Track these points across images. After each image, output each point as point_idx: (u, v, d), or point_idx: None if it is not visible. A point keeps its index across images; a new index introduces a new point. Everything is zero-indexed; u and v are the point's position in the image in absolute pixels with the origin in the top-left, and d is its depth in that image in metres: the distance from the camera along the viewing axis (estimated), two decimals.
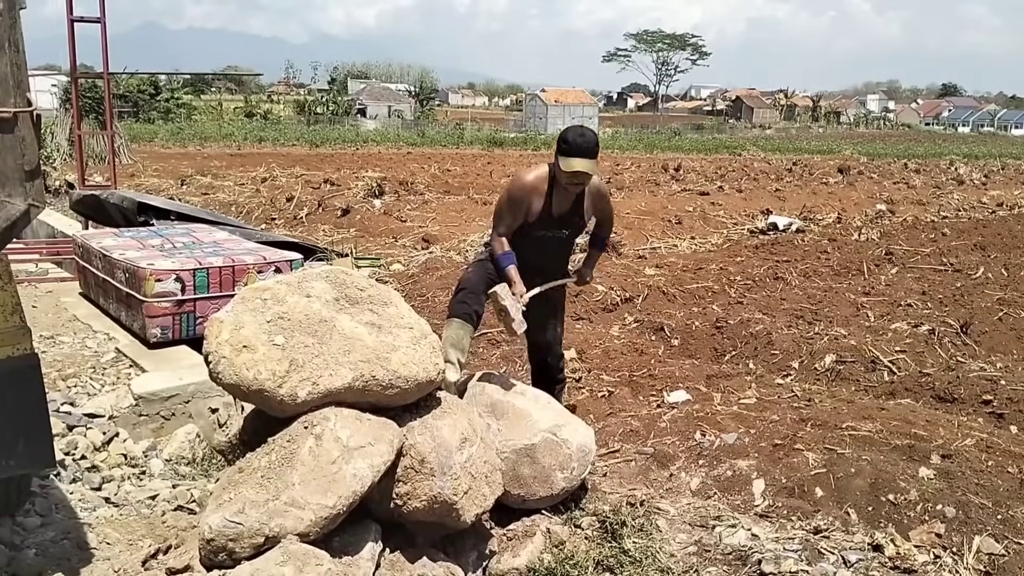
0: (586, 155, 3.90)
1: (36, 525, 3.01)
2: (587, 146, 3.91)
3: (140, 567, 2.64)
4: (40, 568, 2.61)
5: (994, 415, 5.20)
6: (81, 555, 2.79)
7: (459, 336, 4.13)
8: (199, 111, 56.18)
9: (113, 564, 2.67)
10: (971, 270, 9.39)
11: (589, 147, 3.91)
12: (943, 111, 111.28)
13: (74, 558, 2.75)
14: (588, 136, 3.97)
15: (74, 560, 2.74)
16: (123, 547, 2.86)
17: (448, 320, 4.21)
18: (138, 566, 2.65)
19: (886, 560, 3.36)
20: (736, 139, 54.03)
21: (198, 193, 15.54)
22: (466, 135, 45.70)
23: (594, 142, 3.96)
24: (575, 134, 3.98)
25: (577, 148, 3.91)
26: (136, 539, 2.92)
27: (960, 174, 26.05)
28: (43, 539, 2.88)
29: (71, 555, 2.78)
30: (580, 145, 3.91)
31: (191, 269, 5.26)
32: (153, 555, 2.70)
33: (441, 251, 9.98)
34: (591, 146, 3.93)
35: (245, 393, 2.72)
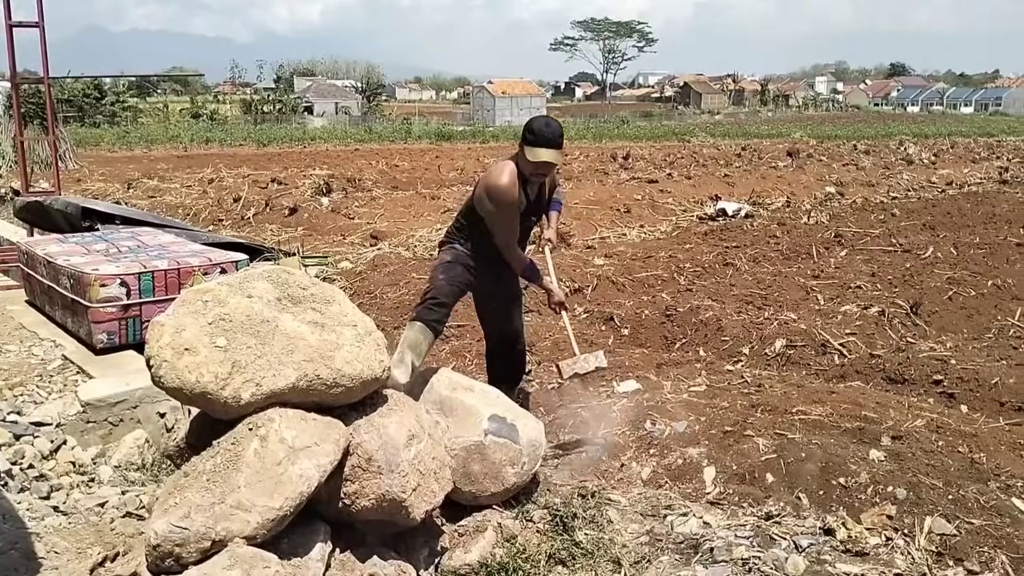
0: (552, 145, 3.97)
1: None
2: (553, 136, 3.97)
3: (88, 575, 2.60)
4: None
5: (944, 395, 5.29)
6: (29, 565, 2.74)
7: (419, 341, 4.15)
8: (145, 114, 55.15)
9: (61, 573, 2.64)
10: (920, 250, 9.56)
11: (555, 137, 3.98)
12: (892, 91, 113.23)
13: (22, 568, 2.70)
14: (554, 126, 4.04)
15: (22, 571, 2.69)
16: (72, 556, 2.81)
17: (411, 323, 4.25)
18: (86, 574, 2.61)
19: (838, 544, 3.39)
20: (685, 125, 54.46)
21: (145, 196, 15.27)
22: (414, 130, 45.37)
23: (559, 132, 4.04)
24: (541, 124, 4.04)
25: (544, 139, 3.97)
26: (85, 547, 2.87)
27: (909, 154, 26.52)
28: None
29: (19, 565, 2.72)
30: (547, 136, 3.97)
31: (136, 273, 5.18)
32: (101, 563, 2.68)
33: (390, 247, 9.93)
34: (557, 136, 3.99)
35: (188, 396, 2.69)
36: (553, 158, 3.97)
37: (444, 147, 33.51)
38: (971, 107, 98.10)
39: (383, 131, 45.10)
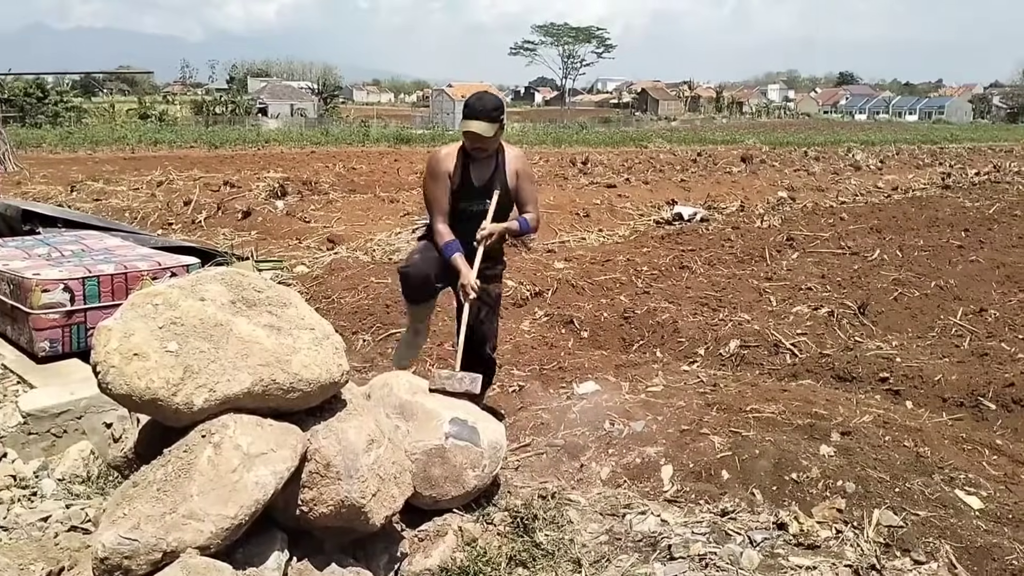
0: (480, 117, 3.98)
1: None
2: (482, 108, 3.99)
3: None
4: None
5: (891, 392, 5.42)
6: None
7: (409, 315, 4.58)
8: (90, 114, 53.92)
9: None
10: (868, 253, 9.75)
11: (484, 109, 3.99)
12: (840, 99, 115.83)
13: None
14: (485, 99, 4.05)
15: None
16: (14, 572, 2.70)
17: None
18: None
19: (790, 537, 3.45)
20: (642, 131, 54.89)
21: (90, 199, 14.90)
22: (372, 132, 45.11)
23: (492, 105, 4.02)
24: (473, 98, 4.09)
25: (471, 110, 4.01)
26: (27, 563, 2.77)
27: (857, 160, 27.11)
28: None
29: None
30: (475, 107, 4.00)
31: (80, 278, 5.03)
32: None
33: (347, 251, 9.84)
34: (487, 108, 3.99)
35: (138, 403, 2.61)
36: (481, 129, 3.97)
37: (403, 150, 33.33)
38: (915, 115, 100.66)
39: (340, 133, 44.74)
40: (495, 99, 4.09)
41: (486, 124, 3.99)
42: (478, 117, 3.99)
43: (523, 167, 4.28)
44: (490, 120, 4.00)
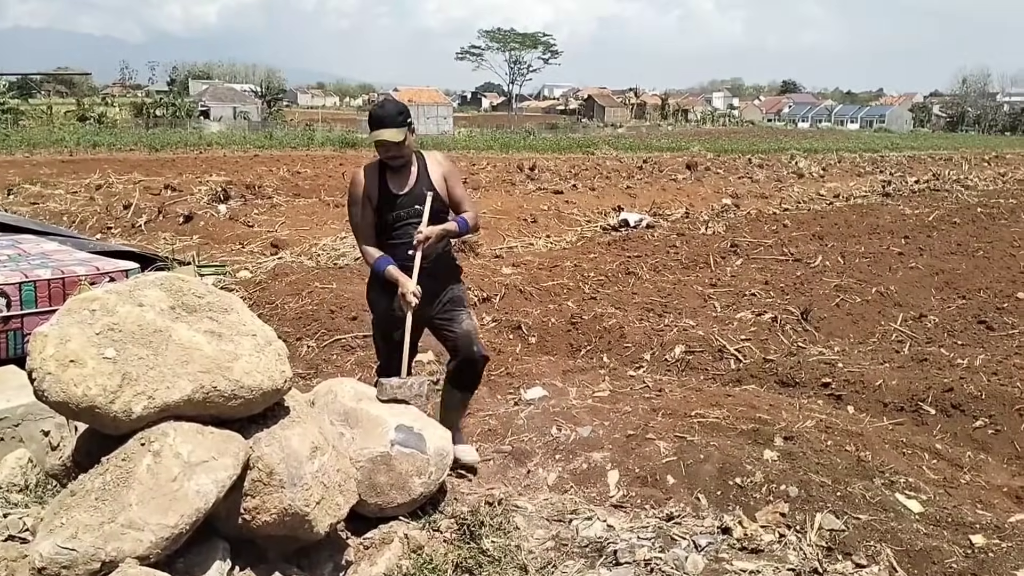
0: (385, 124, 3.93)
1: None
2: (385, 115, 3.94)
3: None
4: None
5: (833, 397, 5.53)
6: None
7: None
8: (27, 116, 52.42)
9: None
10: (810, 259, 9.95)
11: (389, 115, 3.94)
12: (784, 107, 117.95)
13: None
14: (387, 106, 4.03)
15: None
16: None
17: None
18: None
19: (735, 542, 3.49)
20: (589, 138, 55.21)
21: (26, 203, 14.50)
22: (317, 136, 44.55)
23: (394, 110, 3.99)
24: (375, 106, 4.09)
25: (376, 119, 3.97)
26: None
27: (800, 167, 27.66)
28: None
29: None
30: (378, 115, 3.96)
31: (16, 283, 4.89)
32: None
33: (291, 256, 9.73)
34: (390, 114, 3.95)
35: (75, 411, 2.54)
36: (390, 136, 3.92)
37: (349, 154, 33.01)
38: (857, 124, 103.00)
39: (284, 137, 44.15)
40: (398, 104, 4.08)
41: (394, 130, 3.94)
42: (385, 124, 3.94)
43: (448, 168, 4.24)
44: (397, 125, 3.95)
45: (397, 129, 3.93)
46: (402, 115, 3.98)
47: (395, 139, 3.93)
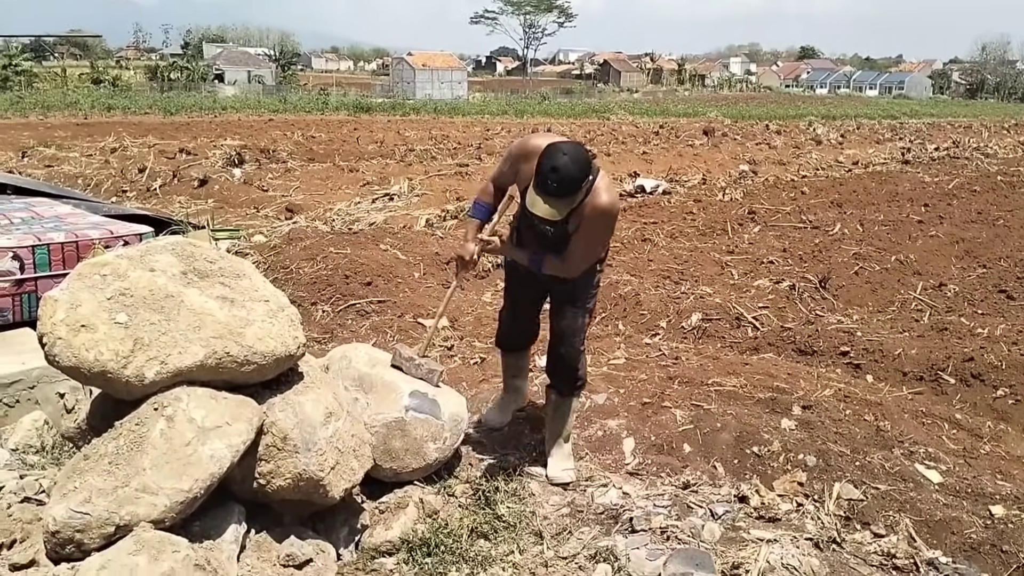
0: (554, 196, 3.12)
1: None
2: (557, 186, 3.10)
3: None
4: None
5: (851, 366, 5.47)
6: None
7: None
8: (41, 79, 52.42)
9: None
10: (829, 227, 9.82)
11: (561, 188, 3.11)
12: (802, 73, 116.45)
13: None
14: (562, 170, 3.08)
15: None
16: None
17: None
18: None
19: (751, 510, 3.47)
20: (604, 103, 54.77)
21: (41, 166, 14.52)
22: (331, 101, 44.46)
23: (571, 179, 3.11)
24: (549, 165, 3.10)
25: (543, 184, 3.11)
26: None
27: (818, 134, 27.34)
28: None
29: None
30: (549, 184, 3.10)
31: (30, 246, 4.89)
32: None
33: (306, 221, 9.70)
34: (564, 187, 3.11)
35: (87, 376, 2.54)
36: (549, 214, 3.15)
37: (363, 119, 32.95)
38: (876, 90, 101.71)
39: (299, 101, 44.05)
40: (576, 168, 3.12)
41: (557, 206, 3.15)
42: (550, 195, 3.11)
43: (600, 219, 3.37)
44: (565, 198, 3.16)
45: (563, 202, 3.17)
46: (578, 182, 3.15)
47: (555, 216, 3.21)
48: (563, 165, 3.08)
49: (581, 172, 3.14)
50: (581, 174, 3.15)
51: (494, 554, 3.19)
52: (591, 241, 3.44)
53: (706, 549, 3.17)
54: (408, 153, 18.02)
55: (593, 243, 3.47)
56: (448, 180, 13.72)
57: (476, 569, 3.10)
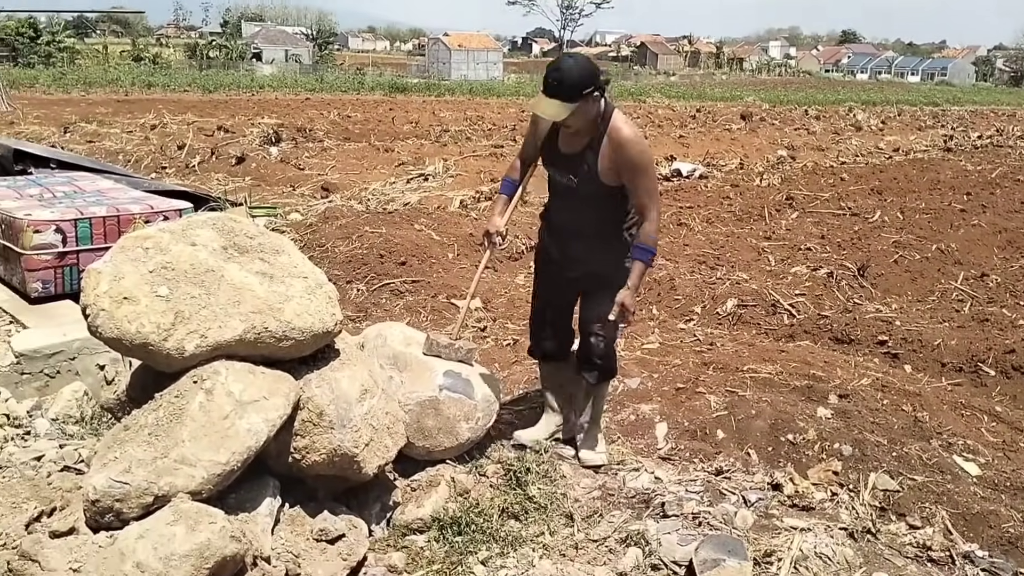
0: (552, 94, 3.14)
1: None
2: (556, 84, 3.13)
3: (23, 531, 2.52)
4: None
5: (889, 355, 5.41)
6: None
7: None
8: (83, 55, 53.07)
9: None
10: (868, 214, 9.67)
11: (559, 85, 3.13)
12: (842, 58, 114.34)
13: None
14: (564, 70, 3.14)
15: None
16: (5, 510, 2.69)
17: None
18: (21, 529, 2.52)
19: (785, 499, 3.46)
20: (641, 86, 54.34)
21: (83, 141, 14.72)
22: (367, 80, 44.60)
23: (571, 79, 3.13)
24: (552, 67, 3.19)
25: (545, 84, 3.17)
26: (20, 502, 2.75)
27: (858, 120, 26.90)
28: None
29: None
30: (548, 81, 3.15)
31: (72, 219, 4.96)
32: (37, 518, 2.58)
33: (341, 200, 9.74)
34: (563, 84, 3.12)
35: (128, 347, 2.57)
36: (551, 112, 3.18)
37: (398, 99, 32.99)
38: (918, 76, 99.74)
39: (335, 81, 44.24)
40: (578, 69, 3.16)
41: (558, 105, 3.16)
42: (549, 94, 3.15)
43: (626, 152, 3.27)
44: (566, 99, 3.14)
45: (564, 104, 3.16)
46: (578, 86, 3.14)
47: (556, 116, 3.21)
48: (566, 67, 3.16)
49: (583, 77, 3.16)
50: (582, 79, 3.16)
51: (524, 535, 3.21)
52: (638, 176, 3.32)
53: (738, 536, 3.16)
54: (443, 134, 18.02)
55: (642, 177, 3.33)
56: (482, 161, 13.69)
57: (506, 549, 3.12)
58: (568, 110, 3.18)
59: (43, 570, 2.29)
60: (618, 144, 3.27)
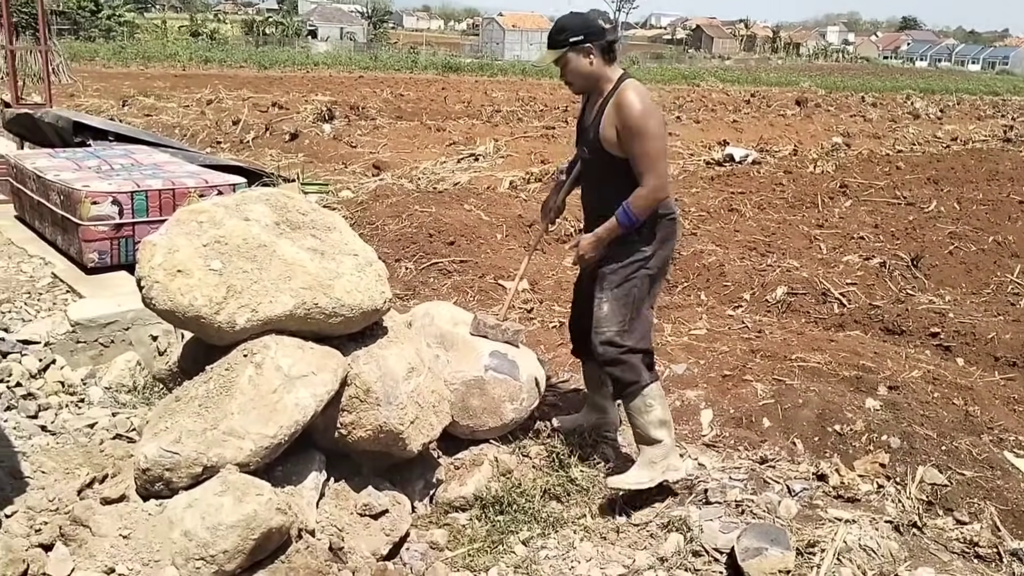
0: (548, 43, 3.24)
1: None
2: (552, 34, 3.23)
3: (76, 496, 2.57)
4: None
5: (941, 347, 5.30)
6: (15, 484, 2.69)
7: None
8: (142, 30, 54.05)
9: (48, 493, 2.59)
10: (924, 204, 9.43)
11: (553, 34, 3.21)
12: (902, 45, 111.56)
13: (8, 487, 2.65)
14: (560, 21, 3.26)
15: (8, 489, 2.64)
16: (59, 476, 2.76)
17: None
18: (74, 495, 2.57)
19: (830, 489, 3.41)
20: (695, 69, 53.63)
21: (140, 115, 15.02)
22: (421, 59, 44.71)
23: (558, 25, 3.22)
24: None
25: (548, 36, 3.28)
26: (73, 468, 2.81)
27: (916, 108, 26.26)
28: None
29: (4, 484, 2.67)
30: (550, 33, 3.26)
31: (129, 192, 5.06)
32: (89, 484, 2.64)
33: (392, 178, 9.80)
34: (555, 33, 3.20)
35: (181, 320, 2.62)
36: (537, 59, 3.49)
37: (451, 79, 33.05)
38: (978, 65, 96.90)
39: (389, 59, 44.43)
40: (571, 18, 3.23)
41: (547, 51, 3.25)
42: (547, 41, 3.25)
43: (623, 119, 3.11)
44: (551, 45, 3.20)
45: (550, 51, 3.24)
46: (563, 33, 3.17)
47: (540, 62, 3.57)
48: (564, 17, 3.25)
49: (575, 25, 3.18)
50: (569, 26, 3.18)
51: (566, 516, 3.22)
52: (635, 139, 3.10)
53: (781, 525, 3.13)
54: (494, 114, 18.00)
55: (639, 140, 3.10)
56: (534, 142, 13.65)
57: (547, 530, 3.13)
58: (553, 56, 3.22)
59: (94, 535, 2.36)
60: (618, 105, 3.13)
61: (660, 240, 3.26)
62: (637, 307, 3.27)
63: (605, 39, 3.18)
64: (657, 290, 3.42)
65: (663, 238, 3.27)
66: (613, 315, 3.23)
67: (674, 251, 3.37)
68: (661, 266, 3.33)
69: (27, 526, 2.40)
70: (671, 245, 3.36)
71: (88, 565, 2.30)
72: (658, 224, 3.24)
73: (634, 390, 3.24)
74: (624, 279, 3.23)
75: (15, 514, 2.46)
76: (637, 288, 3.25)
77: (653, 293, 3.38)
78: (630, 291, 3.24)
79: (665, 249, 3.31)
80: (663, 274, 3.41)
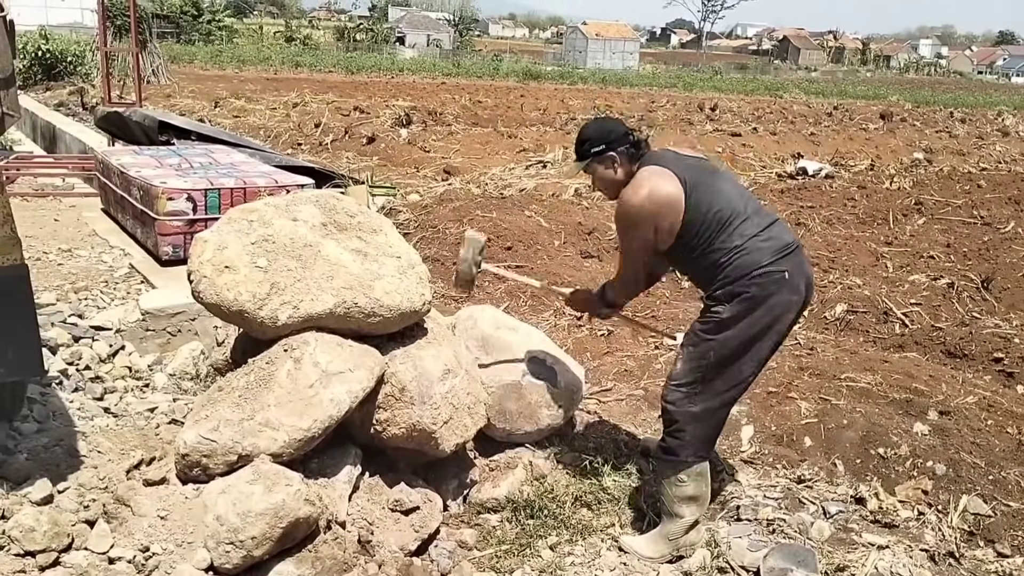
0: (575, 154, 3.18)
1: (32, 431, 3.08)
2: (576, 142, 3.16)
3: (124, 476, 2.72)
4: (28, 472, 2.69)
5: (1003, 374, 5.12)
6: (71, 462, 2.84)
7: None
8: (240, 34, 55.94)
9: (99, 472, 2.74)
10: (1001, 224, 9.10)
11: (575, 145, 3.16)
12: (998, 59, 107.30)
13: (63, 464, 2.81)
14: (580, 132, 3.17)
15: (63, 466, 2.79)
16: (114, 456, 2.91)
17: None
18: (122, 475, 2.72)
19: (867, 513, 3.36)
20: (779, 81, 52.69)
21: (230, 116, 15.55)
22: (502, 67, 45.13)
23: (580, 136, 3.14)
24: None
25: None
26: (128, 449, 2.97)
27: (1007, 125, 25.22)
28: (36, 444, 2.94)
29: (60, 461, 2.83)
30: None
31: (203, 189, 5.30)
32: (136, 465, 2.78)
33: (460, 183, 9.93)
34: (576, 142, 3.15)
35: (226, 314, 2.76)
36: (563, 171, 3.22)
37: (530, 86, 33.21)
38: None
39: (471, 66, 44.96)
40: (597, 126, 3.16)
41: (572, 163, 3.22)
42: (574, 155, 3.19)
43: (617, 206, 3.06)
44: (577, 158, 3.14)
45: (575, 162, 3.16)
46: (585, 144, 3.09)
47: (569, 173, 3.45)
48: (586, 127, 3.18)
49: (596, 136, 3.08)
50: (595, 137, 3.08)
51: (595, 524, 3.26)
52: (619, 238, 3.17)
53: (811, 547, 3.11)
54: (569, 122, 18.03)
55: (620, 236, 3.15)
56: None
57: (575, 536, 3.18)
58: (578, 167, 3.15)
59: (134, 515, 2.51)
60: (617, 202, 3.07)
61: (748, 300, 2.88)
62: (712, 373, 2.96)
63: (628, 143, 3.07)
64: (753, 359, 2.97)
65: (756, 297, 2.87)
66: (682, 375, 3.00)
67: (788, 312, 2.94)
68: (756, 333, 2.91)
69: (77, 502, 2.56)
70: (778, 304, 2.90)
71: (126, 543, 2.44)
72: (739, 283, 2.89)
73: (672, 461, 3.05)
74: (700, 340, 2.97)
75: (67, 490, 2.62)
76: (714, 352, 2.93)
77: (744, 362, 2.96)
78: (705, 354, 2.94)
79: (761, 312, 2.89)
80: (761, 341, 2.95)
